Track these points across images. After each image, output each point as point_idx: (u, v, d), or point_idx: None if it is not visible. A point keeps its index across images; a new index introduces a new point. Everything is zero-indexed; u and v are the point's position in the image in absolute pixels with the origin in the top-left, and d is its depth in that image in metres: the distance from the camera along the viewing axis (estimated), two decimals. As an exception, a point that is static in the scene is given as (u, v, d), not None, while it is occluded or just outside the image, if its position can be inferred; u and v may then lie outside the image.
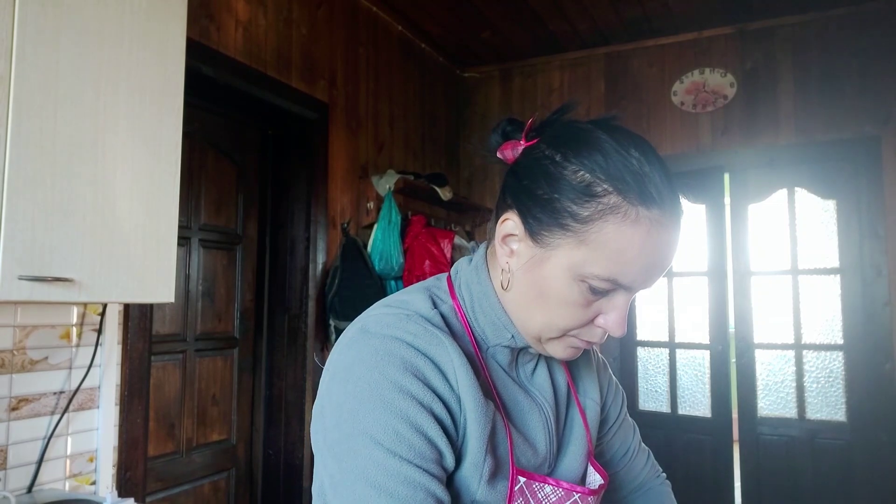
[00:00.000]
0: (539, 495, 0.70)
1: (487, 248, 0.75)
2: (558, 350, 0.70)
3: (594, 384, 0.86)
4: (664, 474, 1.00)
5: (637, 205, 0.61)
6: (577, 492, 0.72)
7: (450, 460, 0.63)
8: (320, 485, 0.67)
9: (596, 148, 0.64)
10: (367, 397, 0.62)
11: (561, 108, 0.70)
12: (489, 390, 0.70)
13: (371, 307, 0.73)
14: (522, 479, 0.68)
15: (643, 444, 0.99)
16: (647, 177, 0.62)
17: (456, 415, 0.65)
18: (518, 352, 0.75)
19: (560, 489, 0.71)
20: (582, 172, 0.63)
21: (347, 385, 0.64)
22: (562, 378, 0.81)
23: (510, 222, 0.68)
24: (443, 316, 0.71)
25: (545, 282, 0.66)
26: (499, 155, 0.72)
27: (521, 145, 0.70)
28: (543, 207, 0.65)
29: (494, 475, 0.66)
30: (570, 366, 0.85)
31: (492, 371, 0.73)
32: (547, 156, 0.66)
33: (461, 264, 0.78)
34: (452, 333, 0.70)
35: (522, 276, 0.68)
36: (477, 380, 0.66)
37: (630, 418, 0.97)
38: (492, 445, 0.66)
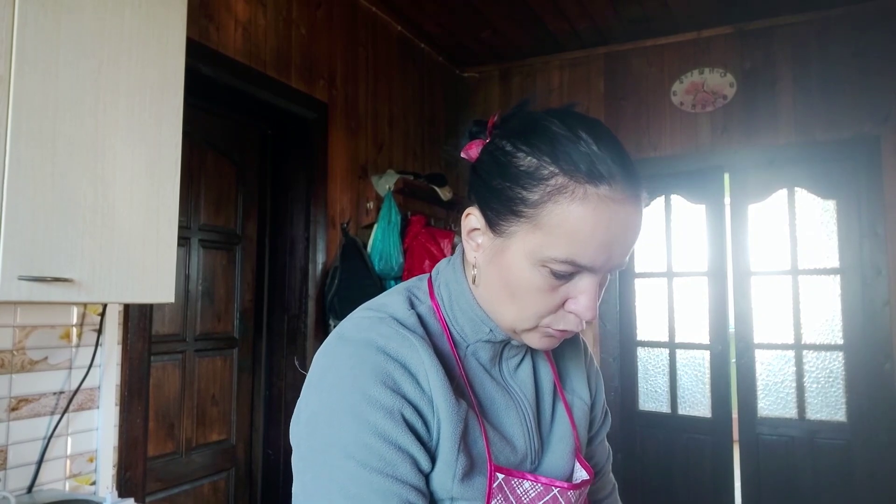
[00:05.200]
0: (518, 491, 0.70)
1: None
2: (534, 340, 0.71)
3: (583, 383, 0.85)
4: None
5: (584, 183, 0.62)
6: (556, 486, 0.72)
7: (425, 463, 0.65)
8: (296, 491, 0.69)
9: (543, 133, 0.65)
10: (339, 409, 0.64)
11: (519, 103, 0.72)
12: (464, 389, 0.71)
13: (354, 311, 0.75)
14: (501, 476, 0.69)
15: (612, 477, 0.96)
16: (595, 156, 0.62)
17: (428, 417, 0.66)
18: (503, 347, 0.76)
19: (539, 484, 0.72)
20: (529, 158, 0.65)
21: (321, 394, 0.66)
22: (547, 375, 0.81)
23: (472, 217, 0.71)
24: (420, 317, 0.72)
25: (509, 271, 0.67)
26: (463, 155, 0.74)
27: (484, 143, 0.72)
28: (498, 197, 0.66)
29: (469, 473, 0.67)
30: (558, 362, 0.85)
31: (469, 370, 0.73)
32: (499, 147, 0.68)
33: (441, 264, 0.79)
34: (429, 334, 0.71)
35: (488, 269, 0.70)
36: (450, 380, 0.67)
37: (607, 444, 0.95)
38: (465, 444, 0.67)
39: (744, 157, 3.36)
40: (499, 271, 0.68)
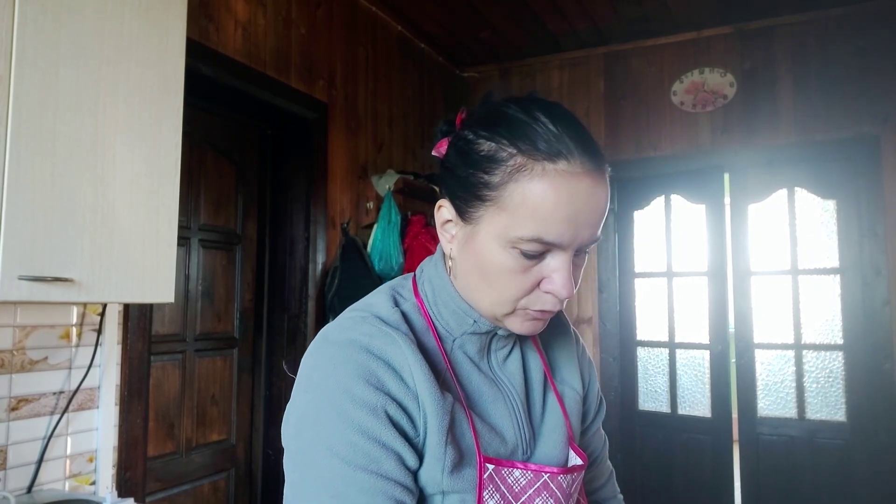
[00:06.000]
0: (509, 480, 0.71)
1: None
2: (516, 325, 0.71)
3: (575, 373, 0.85)
4: (621, 496, 0.98)
5: (542, 160, 0.63)
6: (546, 472, 0.73)
7: (411, 459, 0.65)
8: (286, 491, 0.69)
9: (502, 118, 0.67)
10: (324, 408, 0.65)
11: (484, 97, 0.74)
12: (450, 383, 0.71)
13: (341, 313, 0.76)
14: (491, 466, 0.70)
15: (609, 463, 0.97)
16: (552, 134, 0.64)
17: (413, 412, 0.67)
18: (490, 338, 0.76)
19: (528, 471, 0.72)
20: (489, 143, 0.66)
21: (307, 395, 0.67)
22: (537, 366, 0.81)
23: (444, 209, 0.73)
24: (404, 314, 0.73)
25: (481, 256, 0.68)
26: (434, 153, 0.75)
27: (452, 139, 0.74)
28: (463, 185, 0.68)
29: (458, 465, 0.67)
30: (549, 353, 0.85)
31: (456, 363, 0.74)
32: (462, 138, 0.70)
33: (426, 262, 0.80)
34: (413, 330, 0.72)
35: (462, 258, 0.71)
36: (435, 375, 0.68)
37: (603, 432, 0.96)
38: (453, 437, 0.68)
39: (744, 157, 3.36)
40: (472, 258, 0.69)
